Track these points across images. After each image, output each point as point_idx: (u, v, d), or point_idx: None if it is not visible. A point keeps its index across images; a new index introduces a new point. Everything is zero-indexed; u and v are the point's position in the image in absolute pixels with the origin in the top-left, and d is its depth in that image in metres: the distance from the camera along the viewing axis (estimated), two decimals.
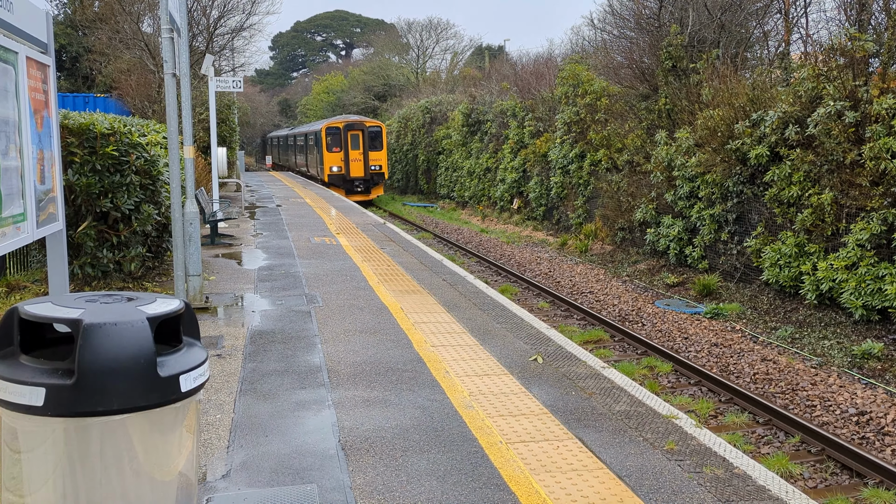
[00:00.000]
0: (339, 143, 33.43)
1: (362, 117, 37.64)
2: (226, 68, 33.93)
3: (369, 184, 33.67)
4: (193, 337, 3.05)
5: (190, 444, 3.00)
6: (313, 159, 37.80)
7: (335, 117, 40.19)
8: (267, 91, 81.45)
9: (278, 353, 7.12)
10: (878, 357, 10.30)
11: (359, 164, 33.41)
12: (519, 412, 5.53)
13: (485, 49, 60.06)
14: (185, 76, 8.96)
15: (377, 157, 33.85)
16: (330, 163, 33.36)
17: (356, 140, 33.53)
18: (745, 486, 4.35)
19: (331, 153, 33.38)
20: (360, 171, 33.41)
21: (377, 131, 34.13)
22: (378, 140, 33.94)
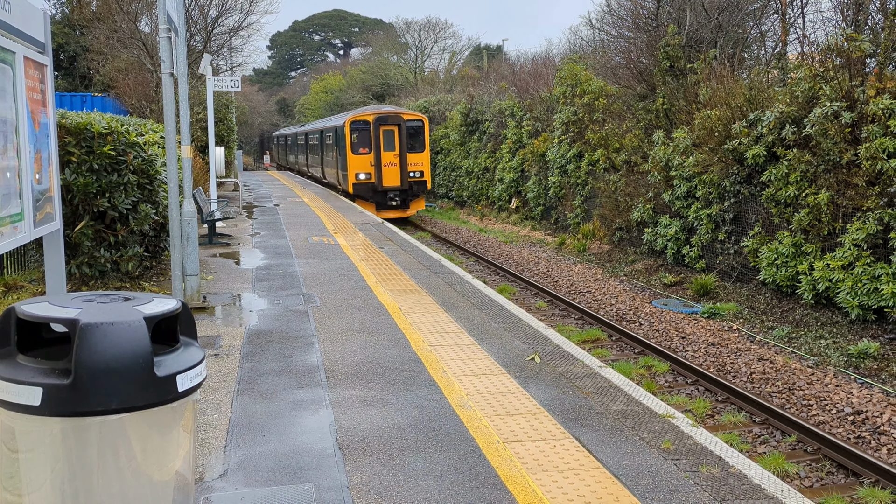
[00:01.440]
0: (368, 141, 25.91)
1: (399, 108, 30.15)
2: (224, 68, 33.91)
3: (407, 195, 26.22)
4: (190, 337, 3.06)
5: (187, 443, 3.01)
6: (332, 162, 30.16)
7: (363, 108, 32.11)
8: (265, 90, 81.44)
9: (276, 353, 7.13)
10: (875, 357, 10.32)
11: (394, 171, 25.83)
12: (516, 411, 5.54)
13: (483, 49, 60.08)
14: (182, 76, 8.97)
15: (418, 161, 26.23)
16: (356, 168, 25.85)
17: (390, 138, 26.02)
18: (741, 485, 4.37)
19: (357, 155, 25.81)
20: (396, 180, 25.81)
21: (418, 126, 26.53)
22: (419, 138, 26.56)
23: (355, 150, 26.01)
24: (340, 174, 28.09)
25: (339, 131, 27.49)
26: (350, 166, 25.98)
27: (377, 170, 25.84)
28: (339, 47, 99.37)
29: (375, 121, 26.04)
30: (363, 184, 25.95)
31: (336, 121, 30.55)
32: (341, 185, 28.29)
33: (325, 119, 41.97)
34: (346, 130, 26.09)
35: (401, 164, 25.91)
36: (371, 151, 25.94)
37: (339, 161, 28.20)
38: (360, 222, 18.04)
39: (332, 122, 31.96)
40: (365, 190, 25.94)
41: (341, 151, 27.35)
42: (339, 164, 28.12)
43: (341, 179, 28.03)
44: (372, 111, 27.35)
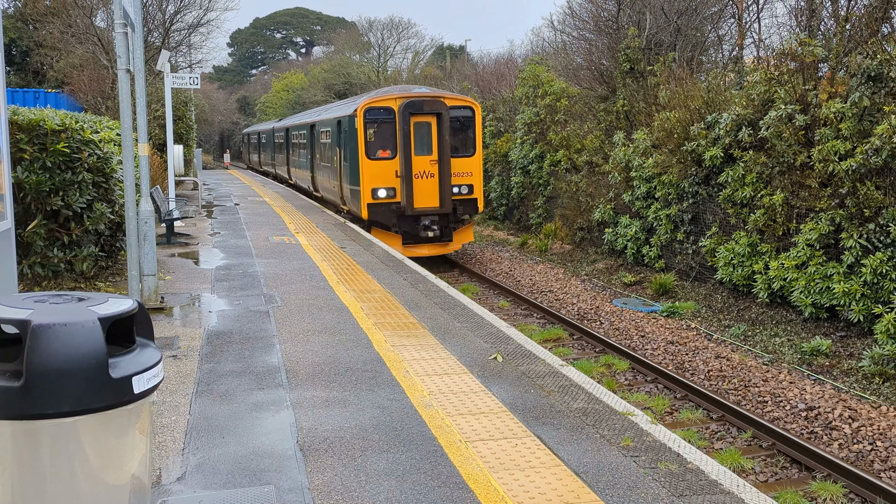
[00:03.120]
0: (392, 140, 17.40)
1: (438, 90, 19.99)
2: (182, 64, 33.38)
3: (449, 222, 17.81)
4: (147, 337, 3.01)
5: (143, 446, 2.96)
6: (330, 171, 21.06)
7: (382, 91, 21.16)
8: (225, 88, 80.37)
9: (236, 354, 7.04)
10: (826, 354, 10.60)
11: (430, 185, 17.36)
12: (478, 410, 5.56)
13: (446, 49, 60.15)
14: (139, 72, 8.80)
15: (465, 169, 17.85)
16: (372, 180, 17.29)
17: (426, 134, 17.42)
18: (699, 480, 4.45)
19: (374, 160, 17.31)
20: (434, 198, 17.39)
21: (467, 117, 18.09)
22: (468, 134, 18.07)
23: (371, 152, 17.16)
24: (346, 189, 18.57)
25: (346, 125, 18.28)
26: (364, 178, 17.07)
27: (406, 184, 16.98)
28: (301, 45, 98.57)
29: (403, 108, 16.95)
30: (383, 204, 17.14)
31: (339, 109, 20.93)
32: (346, 206, 19.05)
33: (318, 109, 30.07)
34: (357, 123, 17.14)
35: (441, 173, 17.09)
36: (396, 155, 17.15)
37: (343, 169, 18.91)
38: (322, 222, 17.92)
39: (332, 111, 22.04)
40: (386, 214, 17.19)
41: (348, 155, 18.04)
42: (345, 174, 18.74)
43: (347, 196, 18.68)
44: (398, 93, 17.72)
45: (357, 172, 17.48)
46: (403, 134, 17.09)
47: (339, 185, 19.89)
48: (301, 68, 72.54)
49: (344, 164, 18.95)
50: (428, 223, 17.43)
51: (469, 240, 18.93)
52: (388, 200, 17.33)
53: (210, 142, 77.58)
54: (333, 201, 21.45)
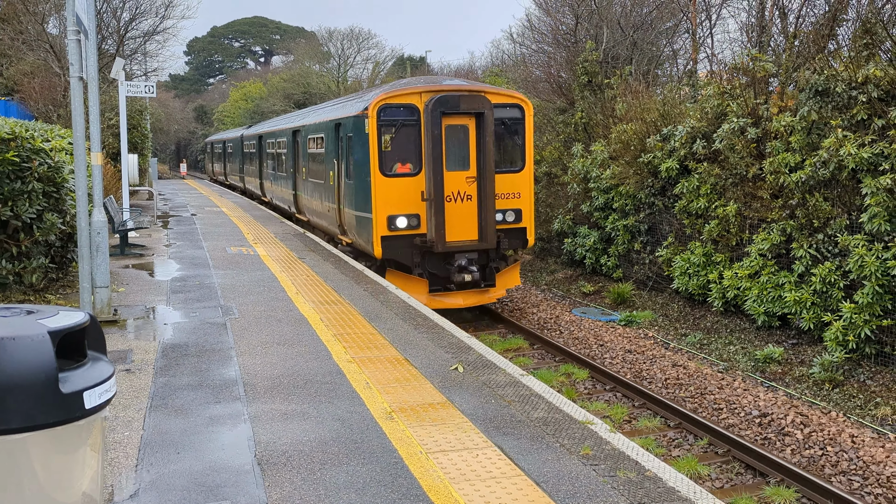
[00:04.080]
0: (415, 149, 12.98)
1: (476, 83, 15.81)
2: (138, 73, 32.85)
3: (489, 260, 13.44)
4: (99, 351, 2.94)
5: (95, 463, 2.88)
6: (324, 191, 16.20)
7: (401, 83, 14.87)
8: (182, 97, 79.26)
9: (192, 367, 6.92)
10: (779, 361, 10.84)
11: (468, 210, 13.07)
12: (440, 421, 5.55)
13: (406, 60, 60.29)
14: (92, 80, 8.63)
15: (512, 187, 13.53)
16: (388, 204, 12.91)
17: (460, 141, 13.11)
18: (657, 488, 4.50)
19: (390, 177, 12.91)
20: (471, 229, 13.09)
21: (514, 119, 13.61)
22: (516, 141, 13.68)
23: (387, 166, 12.75)
24: (347, 215, 14.09)
25: (349, 129, 13.71)
26: (378, 201, 12.67)
27: (435, 209, 12.44)
28: (260, 55, 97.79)
29: (433, 106, 12.43)
30: (403, 238, 12.76)
31: (337, 109, 15.80)
32: (347, 237, 14.39)
33: (304, 111, 23.89)
34: (368, 127, 12.65)
35: (481, 195, 12.76)
36: (420, 170, 12.71)
37: (344, 189, 14.32)
38: (280, 232, 17.74)
39: (326, 112, 16.90)
40: (406, 250, 12.83)
41: (354, 170, 13.51)
42: (347, 196, 14.10)
43: (349, 225, 14.04)
44: (424, 86, 13.01)
45: (367, 194, 12.67)
46: (432, 141, 12.26)
47: (338, 210, 14.70)
48: (260, 77, 71.94)
49: (346, 181, 14.03)
50: (464, 263, 12.68)
51: (514, 283, 13.79)
52: (409, 232, 12.60)
53: (166, 151, 76.38)
54: (327, 229, 16.15)
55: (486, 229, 12.82)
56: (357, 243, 13.90)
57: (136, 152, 27.63)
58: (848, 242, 10.10)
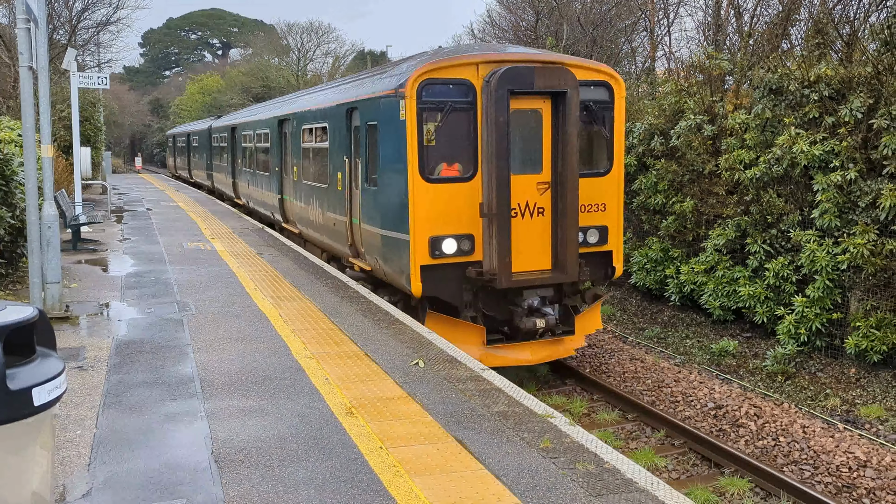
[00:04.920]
0: (469, 142, 9.27)
1: (552, 53, 11.80)
2: (90, 64, 32.09)
3: (565, 295, 10.02)
4: (49, 347, 2.87)
5: (45, 461, 2.81)
6: (327, 199, 12.44)
7: (447, 50, 10.65)
8: (137, 90, 77.66)
9: (147, 364, 6.78)
10: (734, 354, 11.07)
11: (539, 229, 9.48)
12: (401, 416, 5.53)
13: (367, 54, 59.96)
14: (43, 70, 8.40)
15: (595, 196, 9.92)
16: (432, 220, 9.17)
17: (531, 132, 9.46)
18: (615, 479, 4.55)
19: (434, 182, 9.16)
20: (543, 255, 9.51)
21: (600, 103, 9.86)
22: (600, 131, 9.92)
23: (429, 168, 9.29)
24: (367, 234, 10.56)
25: (372, 115, 10.23)
26: (417, 216, 9.23)
27: (496, 228, 9.07)
28: (218, 47, 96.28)
29: (497, 83, 8.96)
30: (451, 267, 9.41)
31: (350, 89, 11.91)
32: (366, 262, 10.80)
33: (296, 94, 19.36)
34: (404, 111, 9.17)
35: (558, 207, 9.52)
36: (475, 173, 9.36)
37: (361, 199, 10.76)
38: (239, 227, 17.51)
39: (332, 94, 13.06)
40: (453, 284, 9.51)
41: (380, 172, 9.99)
42: (366, 208, 10.58)
43: (370, 247, 10.47)
44: (481, 55, 9.46)
45: (400, 206, 9.25)
46: (496, 132, 8.80)
47: (349, 225, 11.13)
48: (217, 71, 70.85)
49: (365, 188, 10.41)
50: (536, 303, 9.49)
51: (596, 327, 10.28)
52: (458, 259, 9.23)
53: (120, 145, 74.76)
54: (329, 248, 12.64)
55: (564, 255, 9.20)
56: (380, 271, 10.07)
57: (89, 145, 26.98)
58: (800, 238, 10.35)
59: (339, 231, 11.78)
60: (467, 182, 9.22)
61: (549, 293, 9.65)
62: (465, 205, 9.20)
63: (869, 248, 9.31)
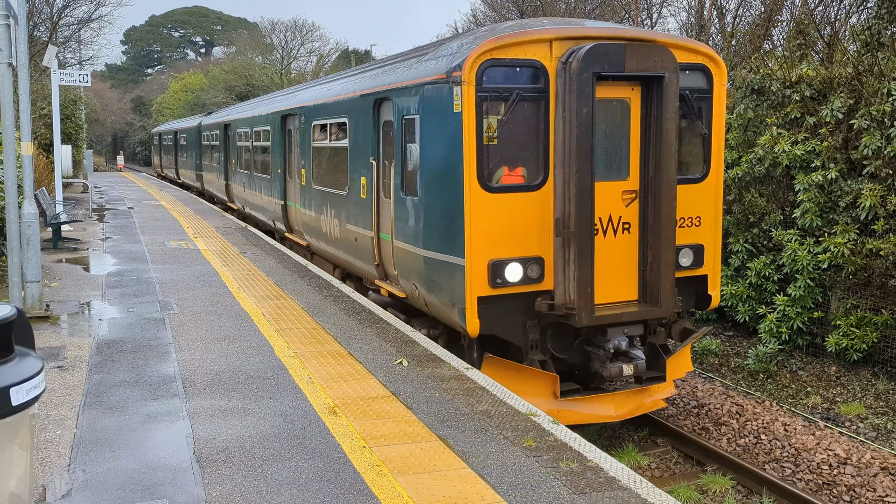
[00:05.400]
0: (535, 141, 7.42)
1: (643, 30, 9.16)
2: (72, 61, 31.79)
3: (650, 334, 8.13)
4: (27, 346, 2.83)
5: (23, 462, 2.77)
6: (353, 210, 10.25)
7: (506, 25, 8.29)
8: (119, 88, 77.01)
9: (128, 364, 6.72)
10: (716, 353, 11.14)
11: (625, 249, 7.68)
12: (384, 415, 5.52)
13: (351, 53, 59.80)
14: (23, 67, 8.30)
15: (690, 208, 8.05)
16: (490, 241, 7.29)
17: (615, 125, 7.67)
18: (598, 478, 4.56)
19: (495, 192, 7.30)
20: (629, 285, 7.72)
21: (698, 92, 8.04)
22: (695, 126, 8.08)
23: (489, 173, 7.37)
24: (402, 253, 8.58)
25: (415, 106, 8.17)
26: (473, 232, 7.28)
27: (579, 250, 7.21)
28: (201, 45, 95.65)
29: (581, 64, 7.08)
30: (513, 299, 7.49)
31: (376, 77, 9.81)
32: (395, 285, 9.03)
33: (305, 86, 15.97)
34: (463, 98, 7.17)
35: (645, 220, 7.72)
36: (545, 179, 7.46)
37: (394, 210, 8.83)
38: (222, 227, 17.40)
39: (354, 83, 10.77)
40: (516, 319, 7.56)
41: (424, 177, 8.00)
42: (400, 221, 8.62)
43: (406, 269, 8.53)
44: (554, 30, 7.48)
45: (452, 221, 7.48)
46: (578, 127, 7.14)
47: (375, 242, 9.38)
48: (200, 69, 70.36)
49: (401, 197, 8.54)
50: (624, 345, 7.70)
51: (686, 369, 8.49)
52: (525, 289, 7.48)
53: (102, 143, 74.07)
54: (349, 265, 10.75)
55: (657, 283, 7.52)
56: (419, 300, 8.23)
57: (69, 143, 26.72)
58: (781, 237, 10.43)
59: (362, 247, 9.85)
60: (536, 191, 7.39)
61: (638, 331, 7.79)
62: (534, 220, 7.37)
63: (849, 248, 9.40)
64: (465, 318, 7.27)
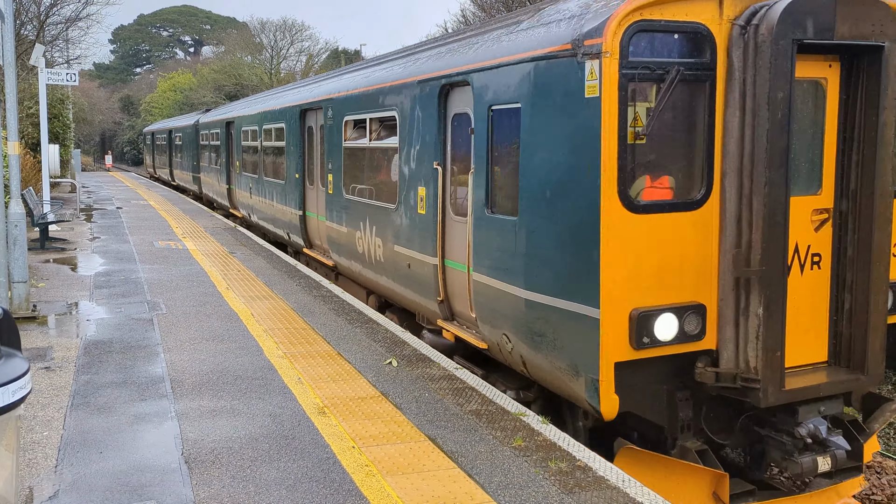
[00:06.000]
0: (697, 138, 5.31)
1: None
2: (59, 60, 31.60)
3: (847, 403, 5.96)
4: (13, 347, 2.81)
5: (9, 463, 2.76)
6: (405, 228, 8.21)
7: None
8: (107, 87, 76.59)
9: (116, 364, 6.69)
10: None
11: (811, 292, 5.53)
12: (374, 415, 5.51)
13: (341, 52, 59.72)
14: (9, 66, 8.25)
15: None
16: (633, 283, 5.16)
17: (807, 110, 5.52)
18: (587, 477, 4.58)
19: (642, 212, 5.18)
20: (819, 344, 5.61)
21: None
22: None
23: (633, 183, 5.28)
24: (486, 291, 6.49)
25: (512, 87, 6.12)
26: (611, 269, 5.17)
27: (766, 293, 5.11)
28: (190, 44, 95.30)
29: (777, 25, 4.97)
30: (663, 362, 5.34)
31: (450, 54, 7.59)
32: (475, 332, 6.85)
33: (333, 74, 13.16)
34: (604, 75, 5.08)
35: (841, 249, 5.66)
36: (707, 194, 5.36)
37: (472, 233, 6.74)
38: (211, 226, 17.34)
39: (415, 63, 8.44)
40: (664, 391, 5.45)
41: (528, 190, 5.89)
42: (482, 247, 6.57)
43: (493, 314, 6.40)
44: None
45: (578, 253, 5.45)
46: (770, 118, 5.08)
47: (439, 272, 7.47)
48: (189, 68, 70.10)
49: (484, 216, 6.61)
50: (823, 430, 5.60)
51: (873, 449, 6.55)
52: (678, 349, 5.39)
53: (90, 143, 73.69)
54: (401, 298, 8.66)
55: (864, 339, 5.56)
56: (513, 357, 6.21)
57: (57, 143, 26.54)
58: None
59: (418, 276, 7.85)
60: (694, 211, 5.31)
61: (838, 408, 5.74)
62: (691, 250, 5.33)
63: None
64: (599, 394, 5.14)
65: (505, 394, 6.24)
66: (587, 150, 5.24)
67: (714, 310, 5.37)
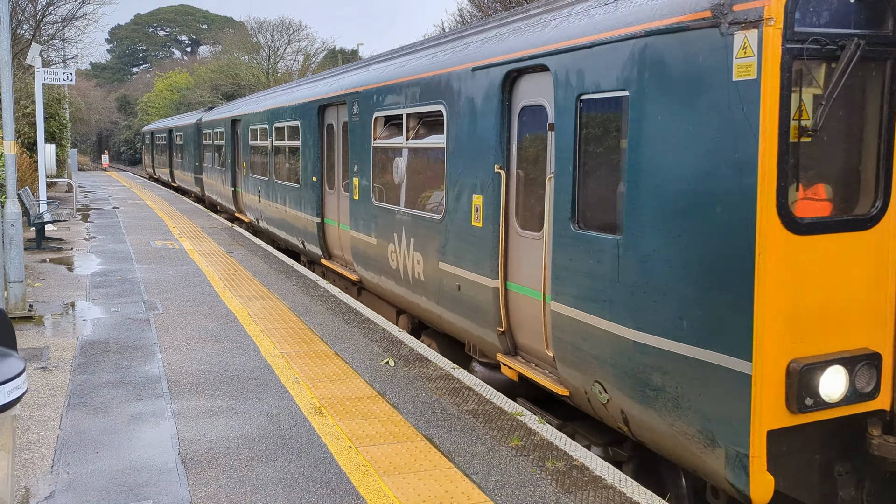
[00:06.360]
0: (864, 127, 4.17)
1: None
2: (56, 59, 31.53)
3: None
4: (9, 346, 2.81)
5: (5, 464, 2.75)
6: (459, 244, 6.94)
7: None
8: (104, 86, 76.44)
9: (112, 364, 6.67)
10: None
11: None
12: (370, 415, 5.51)
13: (338, 52, 59.70)
14: (6, 65, 8.23)
15: None
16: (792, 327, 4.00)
17: None
18: (583, 476, 4.58)
19: (807, 234, 4.01)
20: None
21: None
22: None
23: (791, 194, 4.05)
24: (554, 317, 5.49)
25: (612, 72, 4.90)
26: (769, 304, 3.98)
27: None
28: (187, 44, 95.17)
29: None
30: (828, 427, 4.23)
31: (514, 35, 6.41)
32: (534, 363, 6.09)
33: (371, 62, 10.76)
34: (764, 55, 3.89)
35: None
36: (885, 207, 4.22)
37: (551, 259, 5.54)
38: (207, 226, 17.31)
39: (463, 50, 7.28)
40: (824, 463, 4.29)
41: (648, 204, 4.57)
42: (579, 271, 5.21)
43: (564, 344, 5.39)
44: None
45: (723, 283, 4.17)
46: None
47: (501, 297, 6.34)
48: (186, 67, 70.01)
49: (569, 233, 5.35)
50: None
51: None
52: (846, 411, 4.21)
53: (87, 142, 73.58)
54: (448, 325, 7.44)
55: None
56: (609, 412, 5.11)
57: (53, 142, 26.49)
58: None
59: (471, 301, 6.77)
60: (866, 230, 4.24)
61: None
62: (860, 282, 4.25)
63: None
64: (749, 473, 4.04)
65: (589, 450, 5.12)
66: (734, 149, 4.03)
67: (890, 359, 4.24)
